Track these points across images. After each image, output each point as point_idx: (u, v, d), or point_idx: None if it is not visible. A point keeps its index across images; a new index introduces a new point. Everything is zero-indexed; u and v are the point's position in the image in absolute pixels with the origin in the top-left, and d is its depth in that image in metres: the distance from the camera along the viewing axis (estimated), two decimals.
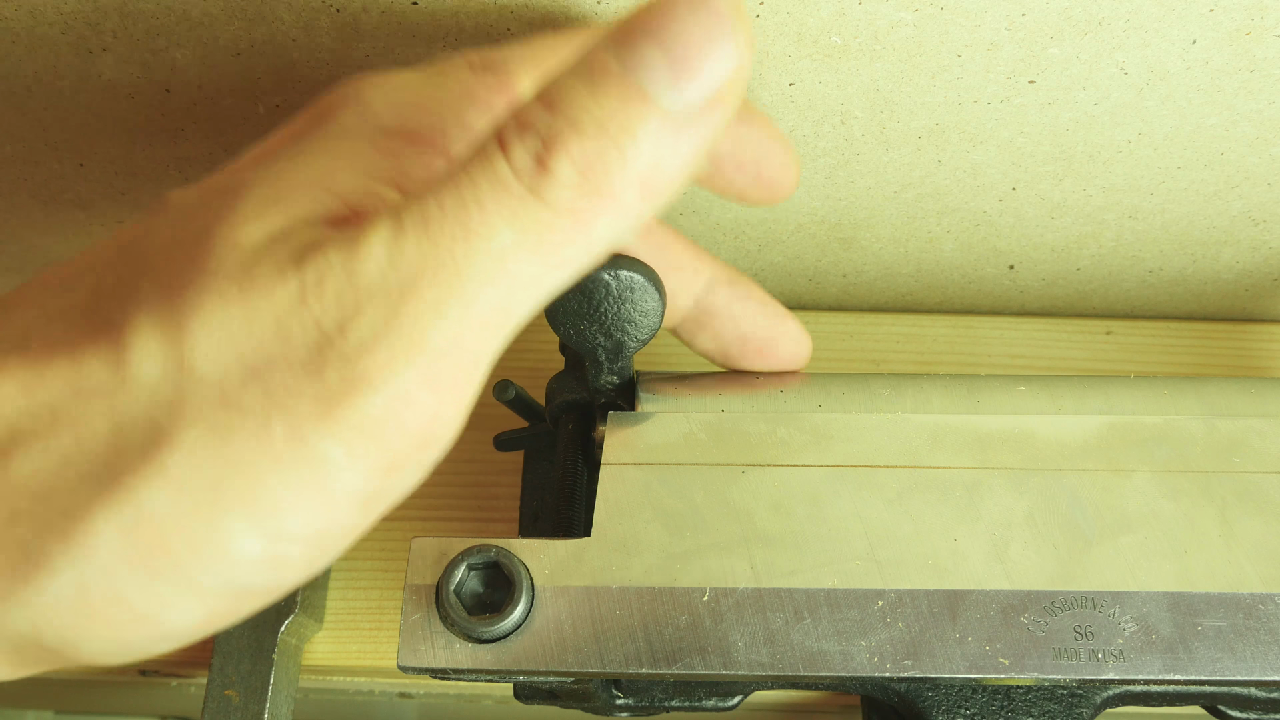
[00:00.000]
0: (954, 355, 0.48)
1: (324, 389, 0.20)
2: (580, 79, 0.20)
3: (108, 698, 0.57)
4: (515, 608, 0.31)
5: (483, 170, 0.20)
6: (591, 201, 0.20)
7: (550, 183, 0.20)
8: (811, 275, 0.47)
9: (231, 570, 0.21)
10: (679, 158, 0.21)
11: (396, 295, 0.20)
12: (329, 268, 0.20)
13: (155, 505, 0.21)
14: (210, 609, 0.22)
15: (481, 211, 0.20)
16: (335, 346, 0.20)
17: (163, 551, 0.21)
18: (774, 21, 0.32)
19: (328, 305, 0.20)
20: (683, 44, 0.20)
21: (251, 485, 0.21)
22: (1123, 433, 0.35)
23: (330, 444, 0.21)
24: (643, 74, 0.20)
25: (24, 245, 0.46)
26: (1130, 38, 0.32)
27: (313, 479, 0.21)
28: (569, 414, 0.38)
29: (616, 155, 0.20)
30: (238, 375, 0.20)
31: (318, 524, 0.22)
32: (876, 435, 0.35)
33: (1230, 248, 0.44)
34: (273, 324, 0.20)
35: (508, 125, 0.21)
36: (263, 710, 0.40)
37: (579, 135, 0.20)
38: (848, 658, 0.31)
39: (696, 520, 0.33)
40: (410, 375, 0.21)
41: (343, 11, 0.32)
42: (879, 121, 0.36)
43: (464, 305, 0.21)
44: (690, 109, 0.21)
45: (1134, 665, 0.31)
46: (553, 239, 0.21)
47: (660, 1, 0.21)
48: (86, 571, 0.21)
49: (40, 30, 0.33)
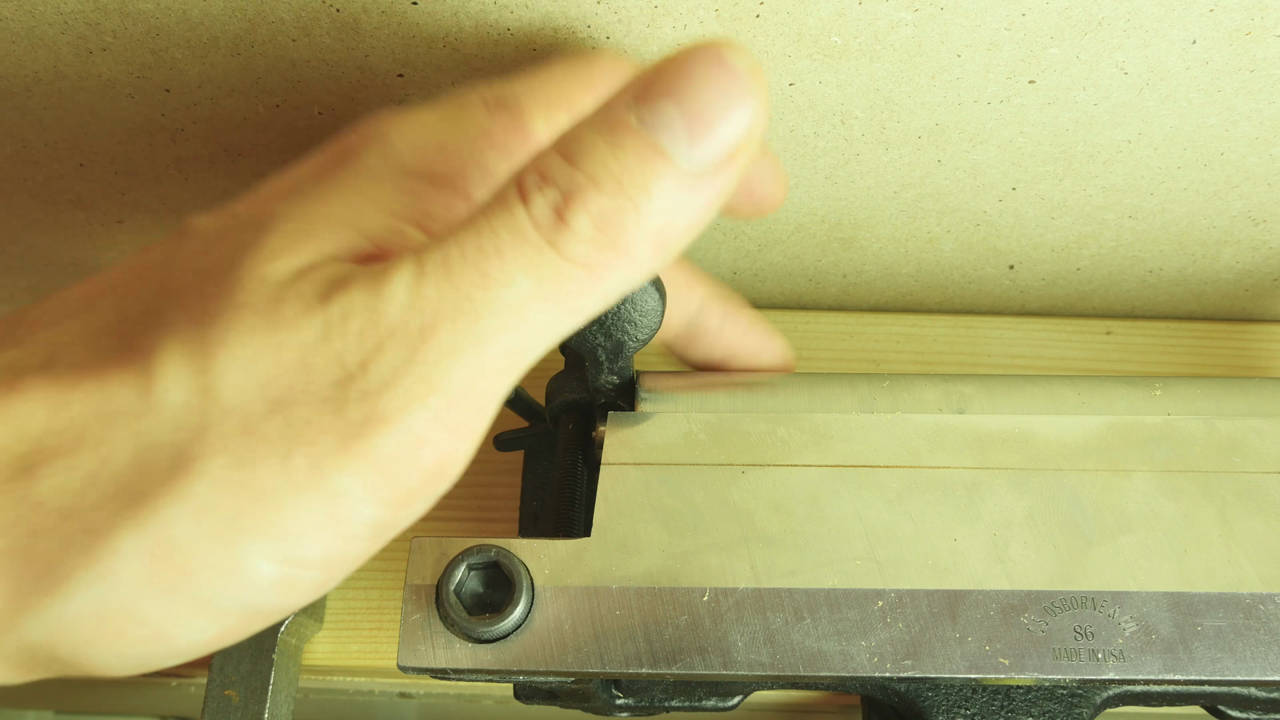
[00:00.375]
0: (954, 355, 0.48)
1: (344, 424, 0.21)
2: (600, 134, 0.21)
3: (108, 698, 0.57)
4: (515, 608, 0.31)
5: (503, 219, 0.21)
6: (606, 255, 0.21)
7: (568, 236, 0.21)
8: (811, 275, 0.47)
9: (246, 592, 0.22)
10: (692, 213, 0.22)
11: (416, 336, 0.21)
12: (353, 306, 0.21)
13: (177, 528, 0.21)
14: (221, 627, 0.23)
15: (501, 260, 0.21)
16: (356, 383, 0.21)
17: (182, 572, 0.22)
18: (774, 21, 0.32)
19: (350, 343, 0.21)
20: (700, 104, 0.21)
21: (270, 512, 0.21)
22: (1123, 433, 0.35)
23: (348, 477, 0.21)
24: (661, 132, 0.21)
25: (24, 245, 0.46)
26: (1130, 38, 0.32)
27: (329, 509, 0.22)
28: (569, 414, 0.38)
29: (632, 212, 0.21)
30: (261, 406, 0.21)
31: (331, 551, 0.22)
32: (876, 435, 0.35)
33: (1230, 248, 0.44)
34: (297, 358, 0.21)
35: (528, 176, 0.21)
36: (263, 710, 0.40)
37: (597, 191, 0.21)
38: (848, 658, 0.31)
39: (696, 520, 0.33)
40: (425, 416, 0.21)
41: (343, 11, 0.32)
42: (879, 121, 0.36)
43: (479, 349, 0.21)
44: (705, 168, 0.21)
45: (1134, 665, 0.31)
46: (568, 289, 0.21)
47: (679, 60, 0.21)
48: (108, 589, 0.21)
49: (40, 30, 0.33)
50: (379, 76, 0.35)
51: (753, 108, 0.21)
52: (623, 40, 0.32)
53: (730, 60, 0.21)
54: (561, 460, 0.38)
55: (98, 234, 0.45)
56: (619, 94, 0.22)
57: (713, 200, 0.22)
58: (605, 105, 0.22)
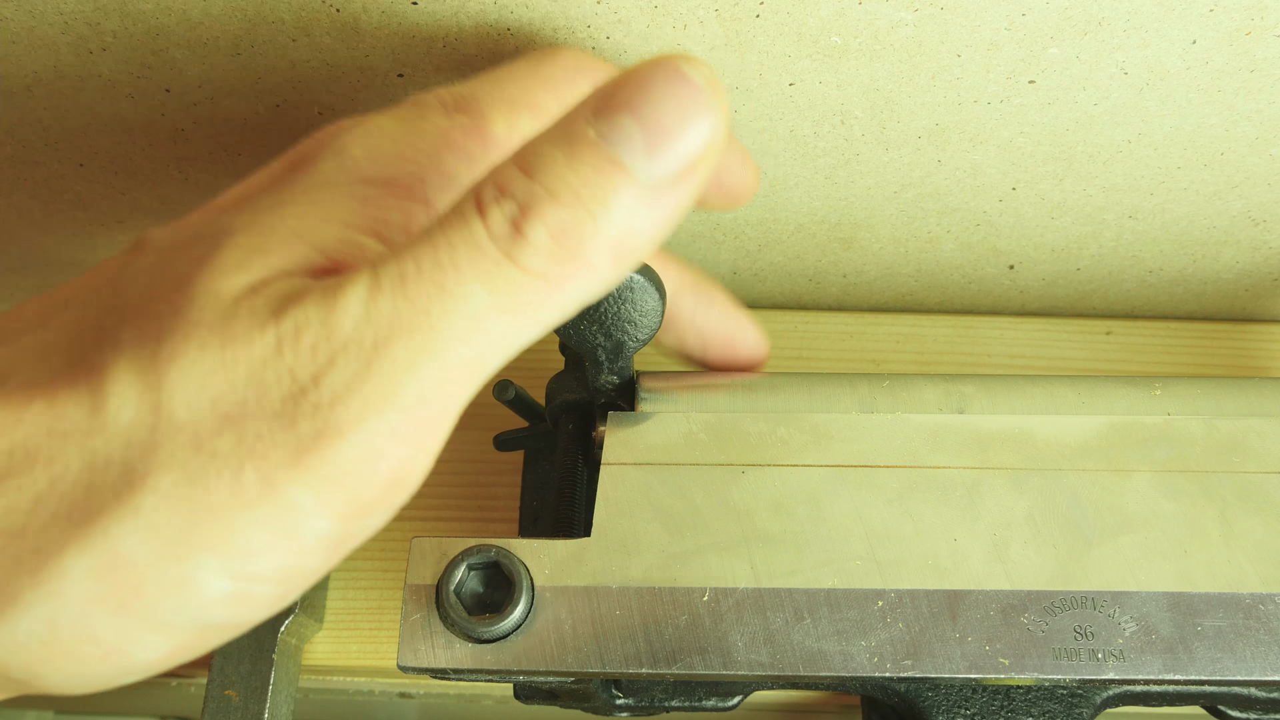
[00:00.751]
0: (954, 355, 0.48)
1: (295, 438, 0.21)
2: (558, 147, 0.21)
3: (108, 698, 0.57)
4: (515, 608, 0.31)
5: (459, 232, 0.21)
6: (564, 266, 0.21)
7: (524, 248, 0.21)
8: (811, 275, 0.47)
9: (199, 608, 0.22)
10: (651, 224, 0.22)
11: (370, 349, 0.21)
12: (305, 320, 0.21)
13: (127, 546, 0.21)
14: (175, 644, 0.23)
15: (457, 272, 0.21)
16: (309, 397, 0.21)
17: (133, 591, 0.21)
18: (774, 21, 0.32)
19: (302, 357, 0.21)
20: (658, 117, 0.21)
21: (222, 528, 0.21)
22: (1123, 433, 0.35)
23: (300, 491, 0.21)
24: (619, 146, 0.21)
25: (24, 245, 0.46)
26: (1130, 38, 0.32)
27: (281, 523, 0.21)
28: (569, 414, 0.38)
29: (590, 223, 0.21)
30: (212, 422, 0.21)
31: (285, 565, 0.22)
32: (876, 435, 0.35)
33: (1230, 248, 0.44)
34: (248, 373, 0.21)
35: (485, 189, 0.21)
36: (263, 710, 0.40)
37: (554, 203, 0.21)
38: (848, 658, 0.31)
39: (696, 520, 0.33)
40: (380, 427, 0.21)
41: (343, 11, 0.32)
42: (879, 121, 0.36)
43: (436, 361, 0.21)
44: (664, 179, 0.21)
45: (1134, 665, 0.31)
46: (525, 300, 0.21)
47: (637, 74, 0.21)
48: (57, 609, 0.21)
49: (40, 30, 0.33)
50: (379, 76, 0.35)
51: (711, 121, 0.21)
52: (622, 40, 0.33)
53: (688, 74, 0.21)
54: (561, 460, 0.38)
55: (98, 234, 0.45)
56: (578, 107, 0.22)
57: (672, 212, 0.22)
58: (564, 119, 0.22)
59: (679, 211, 0.22)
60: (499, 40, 0.33)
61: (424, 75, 0.34)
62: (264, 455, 0.21)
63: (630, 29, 0.32)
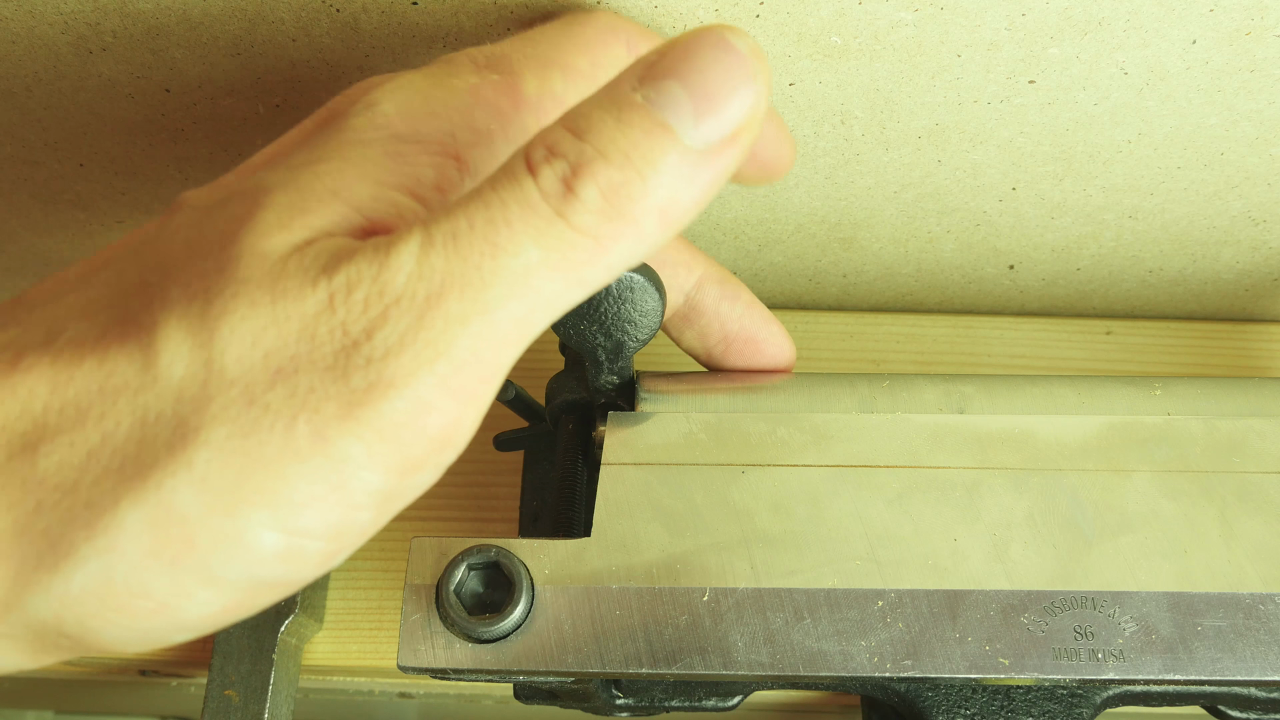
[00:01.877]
0: (954, 355, 0.48)
1: (348, 390, 0.21)
2: (607, 111, 0.22)
3: (108, 698, 0.57)
4: (515, 608, 0.31)
5: (512, 191, 0.22)
6: (614, 226, 0.22)
7: (576, 206, 0.21)
8: (811, 275, 0.47)
9: (251, 563, 0.22)
10: (697, 189, 0.22)
11: (423, 304, 0.21)
12: (358, 276, 0.22)
13: (181, 499, 0.21)
14: (228, 600, 0.23)
15: (510, 230, 0.21)
16: (361, 350, 0.21)
17: (186, 544, 0.22)
18: (774, 21, 0.32)
19: (354, 311, 0.21)
20: (706, 84, 0.22)
21: (274, 481, 0.21)
22: (1123, 433, 0.35)
23: (352, 443, 0.21)
24: (667, 110, 0.22)
25: (24, 245, 0.46)
26: (1130, 38, 0.32)
27: (333, 476, 0.22)
28: (569, 414, 0.38)
29: (640, 184, 0.21)
30: (264, 376, 0.21)
31: (336, 520, 0.22)
32: (876, 435, 0.35)
33: (1230, 248, 0.44)
34: (300, 328, 0.21)
35: (535, 149, 0.22)
36: (263, 710, 0.40)
37: (605, 163, 0.21)
38: (848, 658, 0.31)
39: (696, 520, 0.33)
40: (431, 381, 0.22)
41: (343, 11, 0.32)
42: (879, 121, 0.36)
43: (487, 318, 0.22)
44: (710, 145, 0.22)
45: (1134, 665, 0.31)
46: (575, 258, 0.22)
47: (685, 42, 0.22)
48: (112, 562, 0.22)
49: (40, 30, 0.33)
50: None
51: (756, 89, 0.22)
52: None
53: (734, 42, 0.22)
54: (561, 460, 0.38)
55: (98, 234, 0.45)
56: (624, 74, 0.22)
57: (717, 177, 0.22)
58: (610, 85, 0.22)
59: (723, 178, 0.22)
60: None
61: None
62: (316, 408, 0.21)
63: None
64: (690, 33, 0.22)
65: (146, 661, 0.45)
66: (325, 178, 0.24)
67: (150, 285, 0.23)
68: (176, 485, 0.21)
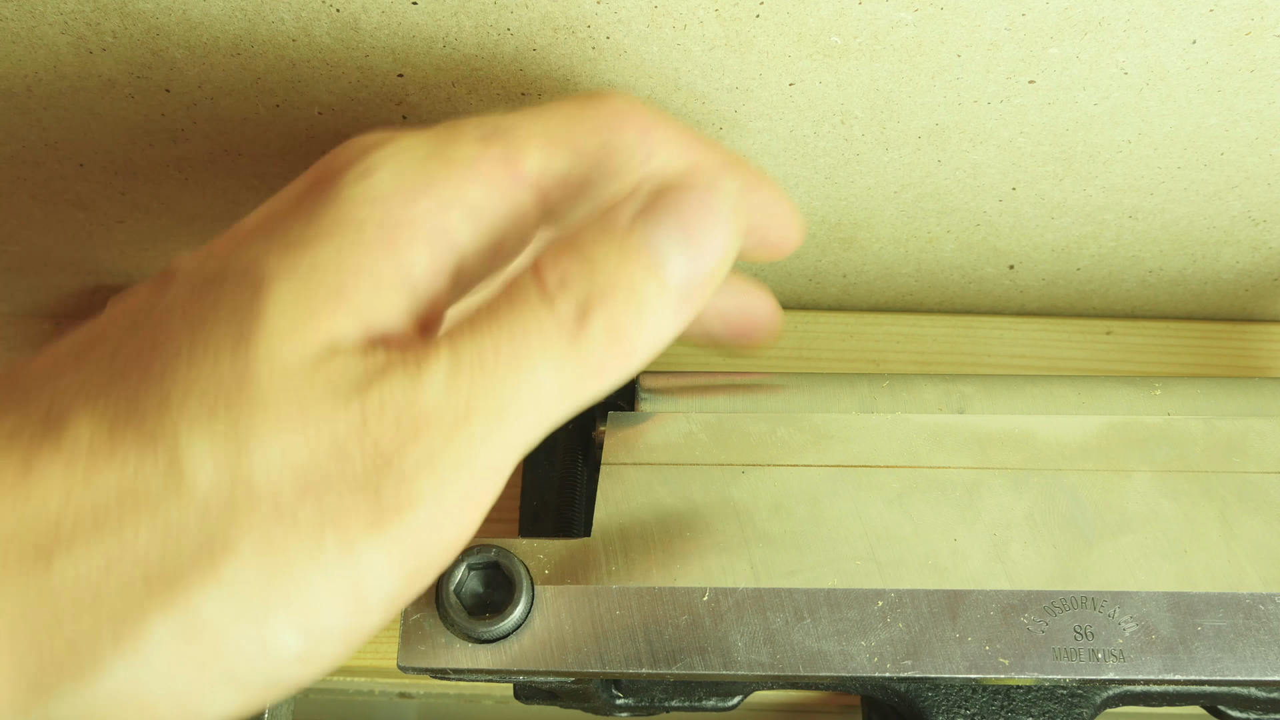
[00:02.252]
0: (954, 355, 0.48)
1: (378, 506, 0.22)
2: (612, 246, 0.24)
3: None
4: (515, 608, 0.31)
5: (531, 318, 0.24)
6: (613, 355, 0.24)
7: (586, 337, 0.24)
8: (811, 275, 0.47)
9: (272, 665, 0.23)
10: (678, 322, 0.25)
11: (450, 424, 0.23)
12: (391, 397, 0.23)
13: (209, 610, 0.22)
14: (245, 699, 0.24)
15: (530, 356, 0.23)
16: (393, 468, 0.22)
17: (214, 652, 0.22)
18: (774, 21, 0.32)
19: (387, 429, 0.23)
20: (697, 235, 0.25)
21: (299, 589, 0.22)
22: (1123, 433, 0.35)
23: (376, 554, 0.23)
24: (663, 256, 0.24)
25: (24, 245, 0.46)
26: (1130, 38, 0.32)
27: (354, 584, 0.23)
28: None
29: (636, 322, 0.24)
30: (293, 492, 0.22)
31: (352, 624, 0.23)
32: (876, 435, 0.35)
33: (1230, 248, 0.44)
34: (331, 446, 0.23)
35: (549, 274, 0.24)
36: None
37: (613, 301, 0.24)
38: (848, 658, 0.31)
39: (696, 520, 0.33)
40: (455, 494, 0.23)
41: (343, 11, 0.32)
42: (879, 121, 0.36)
43: (505, 433, 0.23)
44: (692, 287, 0.25)
45: (1134, 665, 0.31)
46: (578, 382, 0.24)
47: (684, 193, 0.25)
48: (140, 671, 0.22)
49: (40, 30, 0.33)
50: (379, 76, 0.35)
51: (734, 240, 0.25)
52: (622, 40, 0.33)
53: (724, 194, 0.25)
54: (561, 460, 0.38)
55: (97, 234, 0.45)
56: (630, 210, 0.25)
57: (693, 312, 0.25)
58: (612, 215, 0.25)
59: (696, 310, 0.25)
60: (499, 40, 0.33)
61: (424, 75, 0.35)
62: (345, 522, 0.22)
63: (630, 29, 0.32)
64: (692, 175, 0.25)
65: None
66: (324, 271, 0.24)
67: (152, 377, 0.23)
68: (206, 597, 0.22)
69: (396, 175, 0.26)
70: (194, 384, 0.23)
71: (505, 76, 0.34)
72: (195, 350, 0.23)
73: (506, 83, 0.35)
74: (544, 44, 0.33)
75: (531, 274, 0.24)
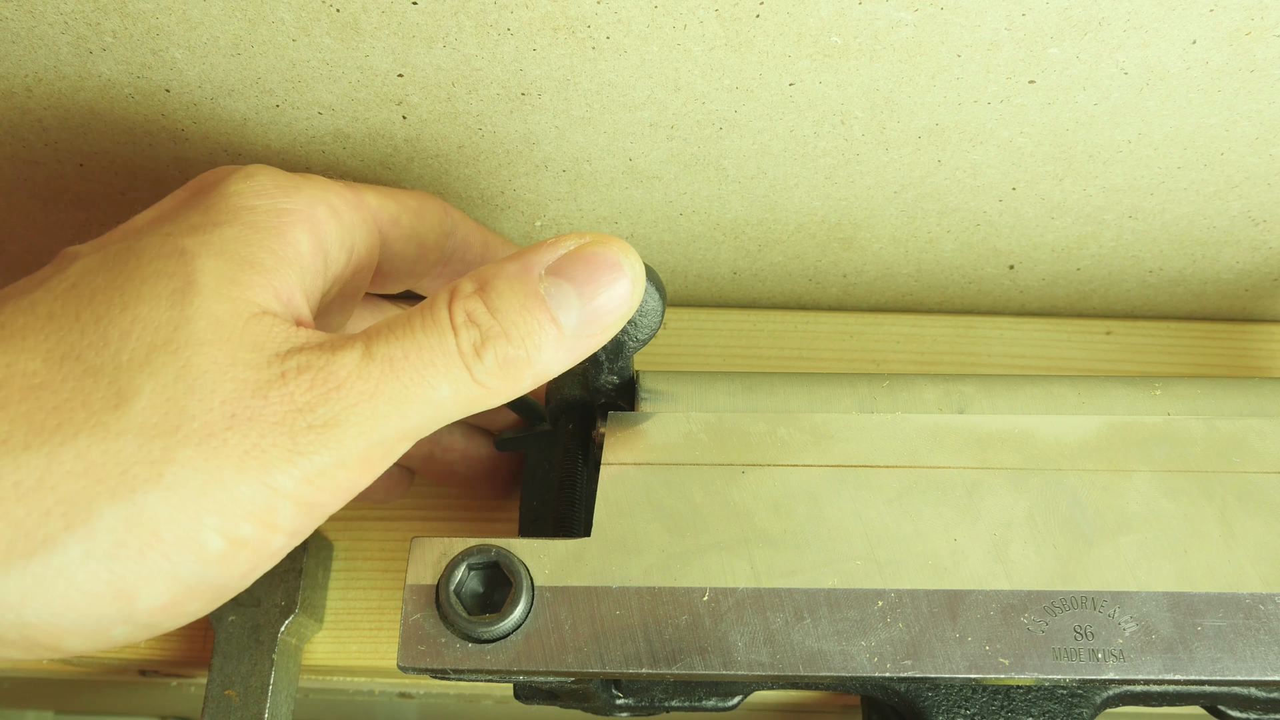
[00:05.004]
0: (954, 355, 0.48)
1: (291, 440, 0.27)
2: (516, 295, 0.29)
3: (108, 698, 0.57)
4: (515, 608, 0.31)
5: (438, 341, 0.29)
6: (503, 383, 0.29)
7: (480, 365, 0.29)
8: (811, 275, 0.47)
9: (198, 561, 0.27)
10: (567, 360, 0.30)
11: (357, 397, 0.28)
12: (308, 364, 0.28)
13: (152, 505, 0.26)
14: (174, 595, 0.27)
15: (432, 370, 0.29)
16: (305, 416, 0.28)
17: (153, 539, 0.26)
18: (774, 21, 0.32)
19: (303, 387, 0.28)
20: (595, 294, 0.30)
21: (227, 498, 0.27)
22: (1123, 433, 0.35)
23: (287, 481, 0.28)
24: (560, 309, 0.29)
25: (24, 245, 0.46)
26: (1130, 38, 0.32)
27: (268, 503, 0.28)
28: (569, 414, 0.38)
29: (526, 360, 0.29)
30: (222, 419, 0.27)
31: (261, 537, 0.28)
32: (876, 435, 0.35)
33: (1230, 248, 0.44)
34: (254, 388, 0.28)
35: (457, 309, 0.29)
36: (263, 710, 0.40)
37: (506, 341, 0.29)
38: (848, 658, 0.31)
39: (696, 520, 0.33)
40: (353, 451, 0.28)
41: (343, 11, 0.32)
42: (879, 121, 0.36)
43: (399, 421, 0.29)
44: (586, 337, 0.30)
45: (1134, 665, 0.31)
46: (470, 398, 0.29)
47: (589, 255, 0.30)
48: (89, 547, 0.26)
49: (40, 30, 0.33)
50: (379, 76, 0.35)
51: (630, 303, 0.30)
52: (622, 40, 0.33)
53: (625, 267, 0.30)
54: (561, 460, 0.38)
55: (97, 234, 0.45)
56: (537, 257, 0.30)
57: (585, 353, 0.30)
58: (524, 266, 0.29)
59: (588, 353, 0.30)
60: (499, 40, 0.33)
61: (424, 75, 0.35)
62: (264, 449, 0.27)
63: (630, 29, 0.32)
64: (595, 246, 0.30)
65: (147, 661, 0.45)
66: (235, 245, 0.30)
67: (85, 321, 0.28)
68: (148, 493, 0.26)
69: (273, 177, 0.32)
70: (131, 329, 0.28)
71: (505, 76, 0.34)
72: (129, 304, 0.28)
73: (506, 83, 0.35)
74: (544, 44, 0.33)
75: (445, 301, 0.29)
